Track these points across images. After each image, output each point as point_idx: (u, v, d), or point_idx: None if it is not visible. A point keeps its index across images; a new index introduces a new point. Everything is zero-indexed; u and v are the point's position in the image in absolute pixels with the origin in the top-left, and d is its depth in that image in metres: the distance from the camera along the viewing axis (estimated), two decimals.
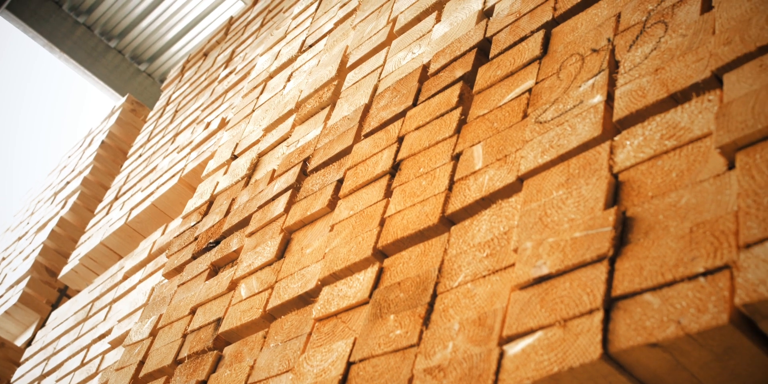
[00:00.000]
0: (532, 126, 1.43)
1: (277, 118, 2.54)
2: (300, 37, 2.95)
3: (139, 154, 5.09)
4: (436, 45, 1.95)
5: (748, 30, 1.16)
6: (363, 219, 1.71)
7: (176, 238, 2.65)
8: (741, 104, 1.05)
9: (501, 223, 1.35)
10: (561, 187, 1.27)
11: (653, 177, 1.14)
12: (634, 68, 1.32)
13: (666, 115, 1.19)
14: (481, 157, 1.51)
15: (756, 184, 0.98)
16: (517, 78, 1.58)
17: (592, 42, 1.47)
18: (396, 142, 1.79)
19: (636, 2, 1.44)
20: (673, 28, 1.31)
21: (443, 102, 1.74)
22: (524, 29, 1.67)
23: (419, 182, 1.62)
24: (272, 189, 2.18)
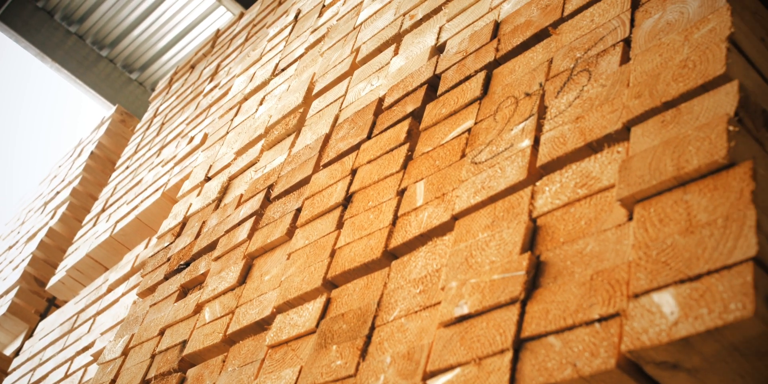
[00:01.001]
0: (468, 166, 1.52)
1: (248, 142, 2.62)
2: (274, 60, 3.03)
3: (126, 166, 5.16)
4: (393, 78, 2.03)
5: (656, 85, 1.24)
6: (316, 249, 1.79)
7: (151, 258, 2.73)
8: (641, 159, 1.13)
9: (434, 261, 1.43)
10: (487, 229, 1.35)
11: (566, 223, 1.22)
12: (558, 115, 1.40)
13: (581, 164, 1.28)
14: (423, 194, 1.59)
15: (648, 236, 1.06)
16: (459, 117, 1.66)
17: (526, 86, 1.55)
18: (350, 174, 1.87)
19: (566, 49, 1.52)
20: (595, 77, 1.40)
21: (393, 137, 1.82)
22: (469, 68, 1.76)
23: (367, 216, 1.70)
24: (238, 214, 2.26)
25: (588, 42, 1.47)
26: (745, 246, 0.93)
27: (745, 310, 0.88)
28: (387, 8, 2.37)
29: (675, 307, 0.96)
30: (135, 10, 7.62)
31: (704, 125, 1.08)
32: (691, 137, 1.08)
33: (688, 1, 1.32)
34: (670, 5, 1.35)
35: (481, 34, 1.80)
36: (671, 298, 0.97)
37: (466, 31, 1.89)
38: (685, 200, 1.05)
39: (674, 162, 1.08)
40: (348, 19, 2.61)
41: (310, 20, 3.00)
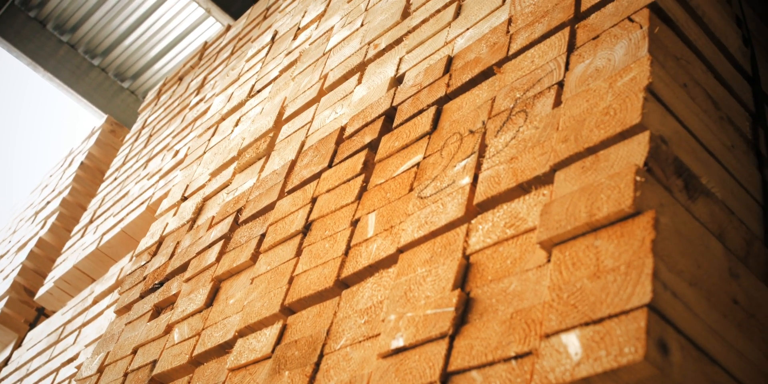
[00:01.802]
0: (414, 200, 1.59)
1: (222, 163, 2.69)
2: (250, 81, 3.10)
3: (114, 178, 5.23)
4: (355, 107, 2.11)
5: (581, 130, 1.31)
6: (277, 275, 1.87)
7: (128, 275, 2.80)
8: (560, 204, 1.21)
9: (379, 292, 1.50)
10: (426, 263, 1.43)
11: (494, 262, 1.30)
12: (496, 154, 1.47)
13: (512, 204, 1.35)
14: (374, 226, 1.66)
15: (562, 279, 1.13)
16: (410, 151, 1.74)
17: (471, 123, 1.63)
18: (310, 202, 1.95)
19: (508, 88, 1.59)
20: (530, 118, 1.47)
21: (350, 167, 1.89)
22: (422, 102, 1.83)
23: (324, 244, 1.78)
24: (209, 236, 2.34)
25: (527, 83, 1.55)
26: (642, 293, 1.00)
27: (637, 354, 0.96)
28: (354, 36, 2.45)
29: (579, 348, 1.03)
30: (127, 19, 7.70)
31: (616, 174, 1.15)
32: (603, 185, 1.15)
33: (615, 48, 1.39)
34: (601, 51, 1.42)
35: (435, 69, 1.87)
36: (576, 340, 1.04)
37: (423, 64, 1.97)
38: (595, 246, 1.12)
39: (588, 209, 1.15)
40: (319, 44, 2.68)
41: (286, 42, 3.07)
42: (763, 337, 1.16)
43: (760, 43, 1.82)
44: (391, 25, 2.25)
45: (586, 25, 1.53)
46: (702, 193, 1.23)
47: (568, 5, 1.61)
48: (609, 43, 1.43)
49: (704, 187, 1.24)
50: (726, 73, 1.53)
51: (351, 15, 2.60)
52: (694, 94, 1.38)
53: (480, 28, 1.86)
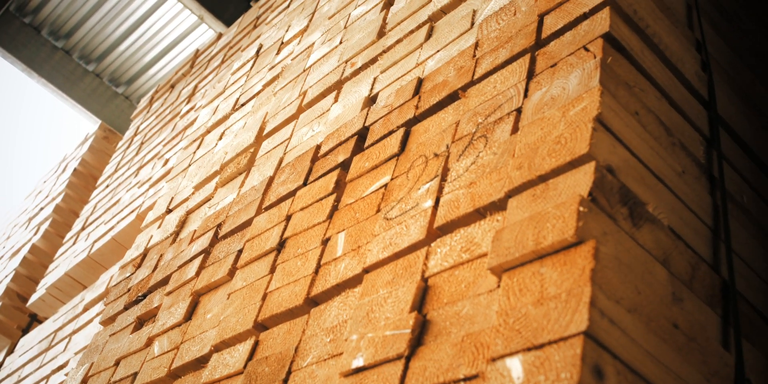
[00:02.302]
0: (381, 221, 1.64)
1: (205, 177, 2.74)
2: (235, 95, 3.15)
3: (106, 185, 5.28)
4: (331, 126, 2.16)
5: (534, 158, 1.36)
6: (251, 291, 1.92)
7: (114, 287, 2.85)
8: (510, 231, 1.26)
9: (344, 312, 1.55)
10: (388, 285, 1.48)
11: (450, 285, 1.35)
12: (457, 179, 1.52)
13: (468, 229, 1.40)
14: (342, 245, 1.71)
15: (509, 304, 1.18)
16: (379, 172, 1.79)
17: (436, 146, 1.68)
18: (285, 220, 2.00)
19: (471, 113, 1.64)
20: (490, 144, 1.52)
21: (324, 186, 1.94)
22: (393, 123, 1.88)
23: (296, 262, 1.83)
24: (190, 250, 2.39)
25: (489, 108, 1.60)
26: (579, 321, 1.05)
27: (572, 379, 1.01)
28: (333, 53, 2.50)
29: (521, 373, 1.08)
30: (121, 24, 7.75)
31: (562, 203, 1.20)
32: (550, 214, 1.20)
33: (570, 77, 1.44)
34: (557, 80, 1.47)
35: (406, 90, 1.92)
36: (519, 364, 1.09)
37: (395, 85, 2.02)
38: (541, 273, 1.17)
39: (535, 237, 1.20)
40: (300, 60, 2.73)
41: (270, 56, 3.12)
42: (703, 360, 1.21)
43: (721, 67, 1.87)
44: (367, 43, 2.30)
45: (546, 52, 1.58)
46: (647, 220, 1.28)
47: (530, 32, 1.66)
48: (565, 72, 1.48)
49: (650, 215, 1.29)
50: (681, 98, 1.58)
51: (331, 32, 2.66)
52: (646, 122, 1.43)
53: (449, 51, 1.91)
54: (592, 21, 1.52)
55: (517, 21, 1.74)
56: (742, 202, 1.61)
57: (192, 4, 6.62)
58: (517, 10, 1.78)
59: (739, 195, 1.61)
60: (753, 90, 1.98)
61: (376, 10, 2.45)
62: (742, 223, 1.58)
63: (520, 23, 1.72)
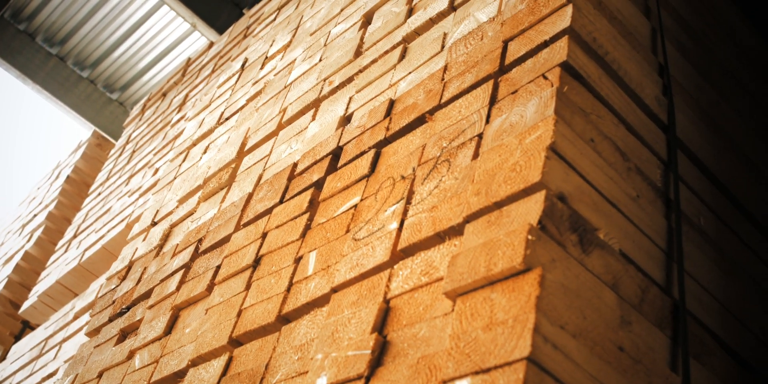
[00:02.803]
0: (350, 241, 1.69)
1: (189, 191, 2.79)
2: (220, 108, 3.20)
3: (98, 193, 5.32)
4: (308, 144, 2.21)
5: (491, 184, 1.41)
6: (228, 307, 1.97)
7: (100, 298, 2.90)
8: (464, 256, 1.31)
9: (312, 330, 1.60)
10: (352, 305, 1.53)
11: (409, 307, 1.40)
12: (420, 202, 1.57)
13: (428, 252, 1.45)
14: (313, 264, 1.76)
15: (461, 328, 1.23)
16: (350, 192, 1.84)
17: (403, 169, 1.73)
18: (261, 237, 2.05)
19: (437, 137, 1.69)
20: (452, 169, 1.57)
21: (298, 205, 1.99)
22: (365, 144, 1.93)
23: (270, 280, 1.88)
24: (173, 264, 2.44)
25: (453, 133, 1.65)
26: (522, 346, 1.10)
27: None
28: (313, 70, 2.55)
29: None
30: (116, 31, 7.79)
31: (512, 231, 1.25)
32: (501, 242, 1.26)
33: (528, 105, 1.49)
34: (516, 107, 1.52)
35: (378, 111, 1.97)
36: None
37: (369, 105, 2.07)
38: (491, 299, 1.22)
39: (486, 263, 1.25)
40: (282, 76, 2.78)
41: (254, 71, 3.17)
42: (648, 381, 1.27)
43: (684, 89, 1.92)
44: (345, 62, 2.36)
45: (508, 78, 1.63)
46: (597, 245, 1.33)
47: (495, 58, 1.71)
48: (524, 99, 1.53)
49: (600, 240, 1.34)
50: (638, 123, 1.63)
51: (312, 48, 2.71)
52: (602, 148, 1.49)
53: (420, 73, 1.96)
54: (551, 49, 1.57)
55: (484, 46, 1.79)
56: (699, 224, 1.66)
57: (185, 12, 6.67)
58: (484, 34, 1.83)
59: (696, 217, 1.67)
60: (717, 110, 2.03)
61: (354, 29, 2.50)
62: (697, 245, 1.63)
63: (486, 48, 1.77)
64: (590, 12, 1.69)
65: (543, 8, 1.68)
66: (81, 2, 7.51)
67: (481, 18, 1.89)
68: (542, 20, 1.66)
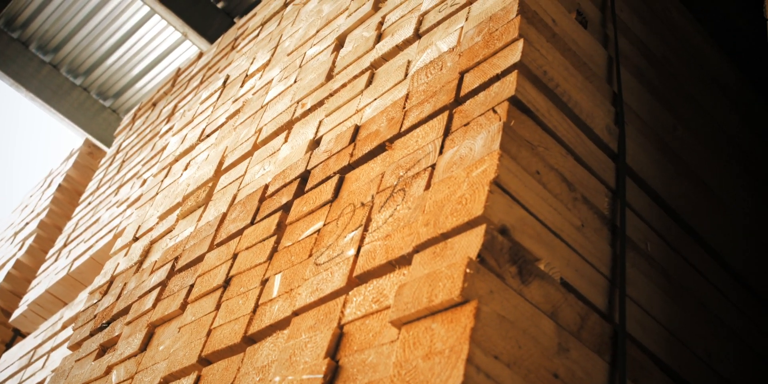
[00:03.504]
0: (311, 266, 1.76)
1: (169, 208, 2.86)
2: (202, 125, 3.27)
3: (88, 202, 5.39)
4: (279, 166, 2.27)
5: (440, 216, 1.48)
6: (199, 326, 2.03)
7: (82, 312, 2.97)
8: (410, 286, 1.38)
9: (273, 352, 1.67)
10: (310, 330, 1.59)
11: (361, 334, 1.47)
12: (376, 230, 1.64)
13: (380, 280, 1.52)
14: (278, 287, 1.83)
15: (404, 357, 1.30)
16: (314, 217, 1.91)
17: (363, 196, 1.79)
18: (232, 258, 2.12)
19: (395, 165, 1.76)
20: (407, 198, 1.64)
21: (267, 227, 2.06)
22: (330, 169, 2.00)
23: (238, 300, 1.95)
24: (150, 281, 2.50)
25: (410, 162, 1.72)
26: (456, 376, 1.17)
27: None
28: (288, 92, 2.62)
29: None
30: (109, 39, 7.86)
31: (453, 264, 1.32)
32: (443, 274, 1.32)
33: (477, 138, 1.56)
34: (467, 140, 1.59)
35: (344, 137, 2.04)
36: None
37: (336, 130, 2.13)
38: (432, 329, 1.29)
39: (428, 294, 1.32)
40: (260, 96, 2.85)
41: (235, 88, 3.24)
42: None
43: (639, 117, 1.99)
44: (317, 85, 2.42)
45: (462, 110, 1.70)
46: (537, 276, 1.39)
47: (451, 89, 1.78)
48: (475, 132, 1.60)
49: (540, 271, 1.41)
50: (587, 153, 1.70)
51: (288, 69, 2.77)
52: (547, 180, 1.55)
53: (384, 100, 2.03)
54: (502, 83, 1.64)
55: (443, 76, 1.86)
56: (646, 249, 1.73)
57: (176, 21, 6.74)
58: (443, 64, 1.90)
59: (643, 242, 1.73)
60: (673, 135, 2.10)
61: (327, 51, 2.57)
62: (643, 270, 1.70)
63: (444, 79, 1.84)
64: (543, 45, 1.75)
65: (497, 42, 1.74)
66: (74, 11, 7.59)
67: (442, 48, 1.96)
68: (495, 53, 1.73)
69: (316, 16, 2.92)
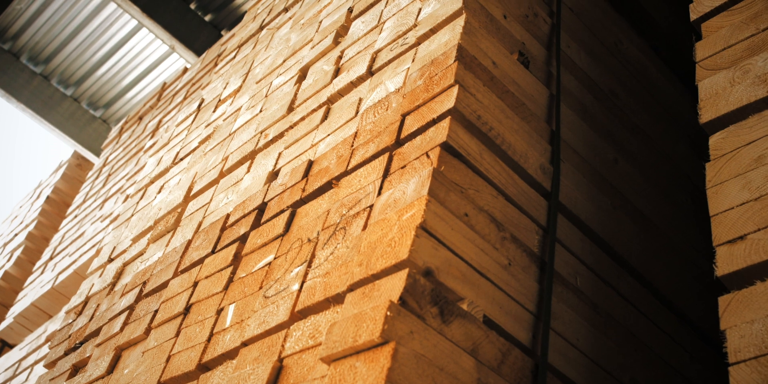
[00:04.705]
0: (261, 298, 1.86)
1: (142, 231, 2.96)
2: (176, 148, 3.37)
3: (75, 215, 5.48)
4: (241, 196, 2.38)
5: (372, 257, 1.58)
6: (160, 352, 2.13)
7: (58, 331, 3.07)
8: (339, 325, 1.48)
9: (223, 381, 1.77)
10: (254, 361, 1.70)
11: (297, 367, 1.57)
12: (318, 267, 1.74)
13: (317, 317, 1.62)
14: (231, 317, 1.93)
15: None
16: (267, 250, 2.01)
17: (310, 231, 1.90)
18: (192, 286, 2.22)
19: (339, 204, 1.86)
20: (346, 237, 1.74)
21: (225, 257, 2.16)
22: (284, 203, 2.10)
23: (195, 328, 2.05)
24: (120, 304, 2.61)
25: (352, 201, 1.82)
26: None
27: None
28: (253, 121, 2.72)
29: None
30: (100, 50, 7.97)
31: (377, 306, 1.42)
32: (367, 315, 1.42)
33: (410, 182, 1.66)
34: (401, 183, 1.69)
35: (298, 171, 2.14)
36: None
37: (293, 164, 2.23)
38: (356, 367, 1.39)
39: (354, 334, 1.42)
40: (229, 123, 2.95)
41: (208, 112, 3.34)
42: None
43: (577, 153, 2.09)
44: (279, 117, 2.52)
45: (401, 153, 1.80)
46: (458, 315, 1.50)
47: (393, 130, 1.88)
48: (409, 175, 1.70)
49: (462, 310, 1.51)
50: (518, 193, 1.80)
51: (256, 98, 2.88)
52: (475, 221, 1.66)
53: (336, 137, 2.13)
54: (436, 128, 1.74)
55: (387, 117, 1.96)
56: (575, 283, 1.83)
57: (163, 34, 6.85)
58: (389, 105, 2.00)
59: (573, 277, 1.84)
60: (613, 169, 2.21)
61: (291, 82, 2.67)
62: (570, 304, 1.80)
63: (389, 119, 1.94)
64: (479, 89, 1.86)
65: (435, 87, 1.85)
66: (64, 23, 7.70)
67: (390, 87, 2.06)
68: (434, 98, 1.83)
69: (285, 45, 3.02)
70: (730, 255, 1.56)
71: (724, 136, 1.77)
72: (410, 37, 2.15)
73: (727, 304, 1.50)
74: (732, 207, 1.63)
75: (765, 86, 1.77)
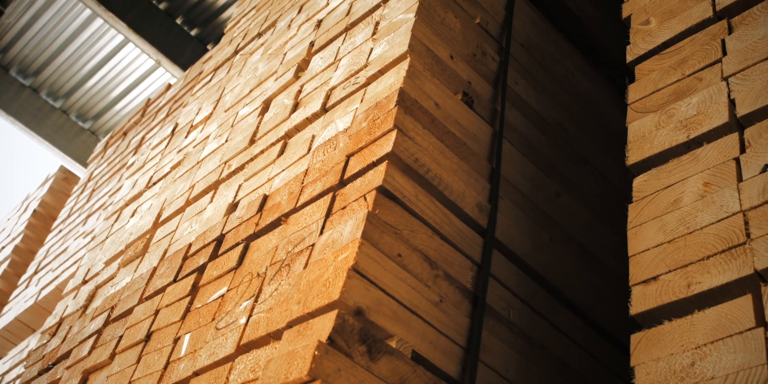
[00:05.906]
0: (212, 330, 1.97)
1: (114, 254, 3.07)
2: (150, 172, 3.48)
3: (59, 230, 5.58)
4: (203, 226, 2.48)
5: (309, 295, 1.69)
6: (122, 378, 2.24)
7: (34, 351, 3.17)
8: (275, 362, 1.58)
9: None
10: None
11: None
12: (263, 302, 1.85)
13: (258, 351, 1.73)
14: (186, 346, 2.04)
15: None
16: (221, 282, 2.12)
17: (260, 266, 2.01)
18: (154, 314, 2.32)
19: (286, 241, 1.97)
20: (290, 274, 1.85)
21: (184, 287, 2.27)
22: (240, 236, 2.21)
23: (154, 356, 2.16)
24: (90, 328, 2.71)
25: (297, 239, 1.93)
26: None
27: None
28: (219, 151, 2.83)
29: None
30: (88, 63, 8.09)
31: (307, 345, 1.53)
32: (298, 353, 1.53)
33: (348, 223, 1.77)
34: (340, 224, 1.80)
35: (254, 205, 2.25)
36: None
37: (250, 197, 2.34)
38: None
39: (286, 371, 1.53)
40: (198, 151, 3.06)
41: (181, 138, 3.45)
42: None
43: (517, 189, 2.20)
44: (242, 148, 2.63)
45: (343, 193, 1.91)
46: (386, 352, 1.61)
47: (338, 170, 1.99)
48: (348, 217, 1.81)
49: (389, 347, 1.62)
50: (453, 232, 1.91)
51: (223, 127, 2.99)
52: (408, 261, 1.77)
53: (290, 172, 2.24)
54: (374, 171, 1.85)
55: (335, 156, 2.07)
56: (508, 317, 1.94)
57: (149, 49, 6.97)
58: (337, 145, 2.11)
59: (506, 311, 1.95)
60: (554, 203, 2.32)
61: (255, 114, 2.78)
62: (501, 337, 1.91)
63: (335, 159, 2.05)
64: (419, 132, 1.97)
65: (377, 130, 1.96)
66: (53, 36, 7.82)
67: (339, 127, 2.17)
68: (375, 141, 1.94)
69: (253, 74, 3.13)
70: (643, 295, 1.67)
71: (646, 178, 1.88)
72: (361, 76, 2.26)
73: (638, 341, 1.61)
74: (648, 248, 1.74)
75: (686, 131, 1.88)
